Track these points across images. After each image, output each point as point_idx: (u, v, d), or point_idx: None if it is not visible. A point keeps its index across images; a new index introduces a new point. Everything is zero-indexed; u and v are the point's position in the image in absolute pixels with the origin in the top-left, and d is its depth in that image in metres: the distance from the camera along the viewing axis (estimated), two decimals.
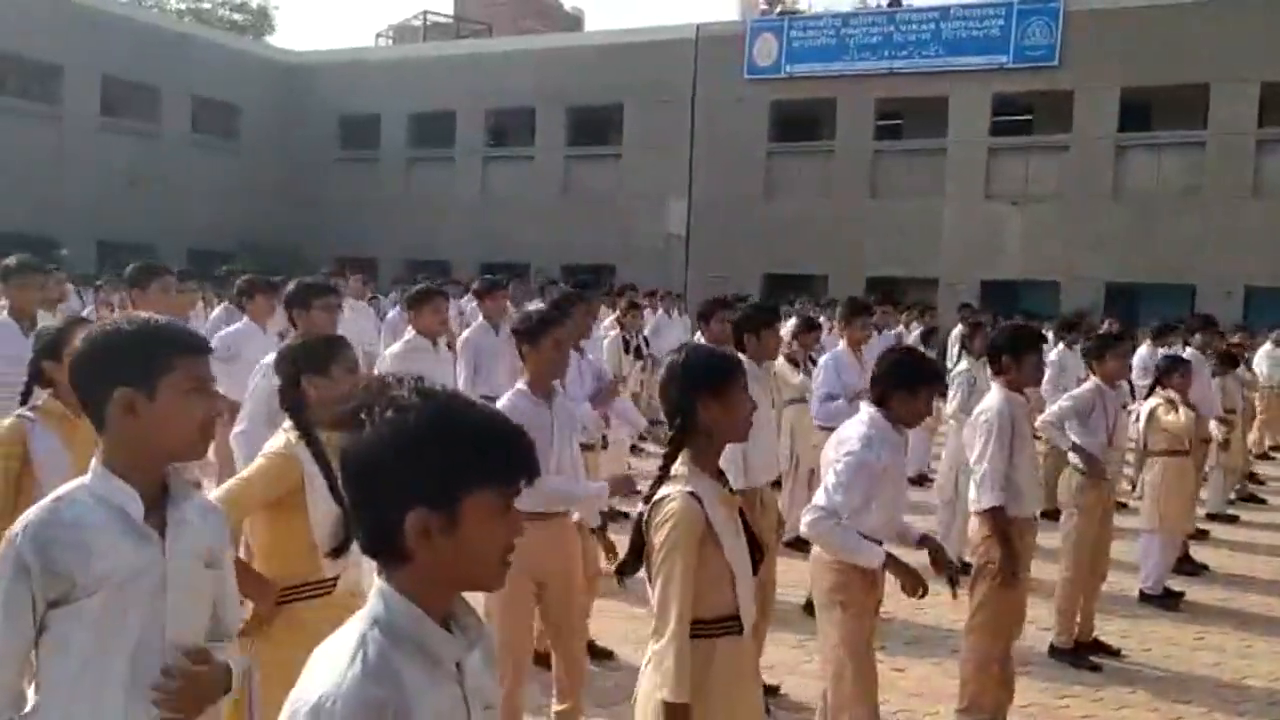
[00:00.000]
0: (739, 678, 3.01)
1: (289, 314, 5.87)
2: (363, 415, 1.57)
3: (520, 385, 4.61)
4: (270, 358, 5.38)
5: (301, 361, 3.41)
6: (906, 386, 4.22)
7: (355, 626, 1.58)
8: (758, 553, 3.16)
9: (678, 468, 3.04)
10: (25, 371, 3.75)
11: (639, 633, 3.94)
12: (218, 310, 9.48)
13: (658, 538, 2.94)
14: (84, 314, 9.60)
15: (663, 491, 3.00)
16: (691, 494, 2.94)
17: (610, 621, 6.08)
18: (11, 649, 2.07)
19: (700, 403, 3.02)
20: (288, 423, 3.32)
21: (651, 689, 2.95)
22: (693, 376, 3.05)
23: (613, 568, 3.41)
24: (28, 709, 2.13)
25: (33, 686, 2.15)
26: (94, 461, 2.16)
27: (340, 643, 1.57)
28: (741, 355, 5.93)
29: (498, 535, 1.60)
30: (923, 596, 4.16)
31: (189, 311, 8.83)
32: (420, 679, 1.54)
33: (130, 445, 2.14)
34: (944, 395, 8.48)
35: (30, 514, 2.10)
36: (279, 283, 7.97)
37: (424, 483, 1.54)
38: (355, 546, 3.13)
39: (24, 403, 3.69)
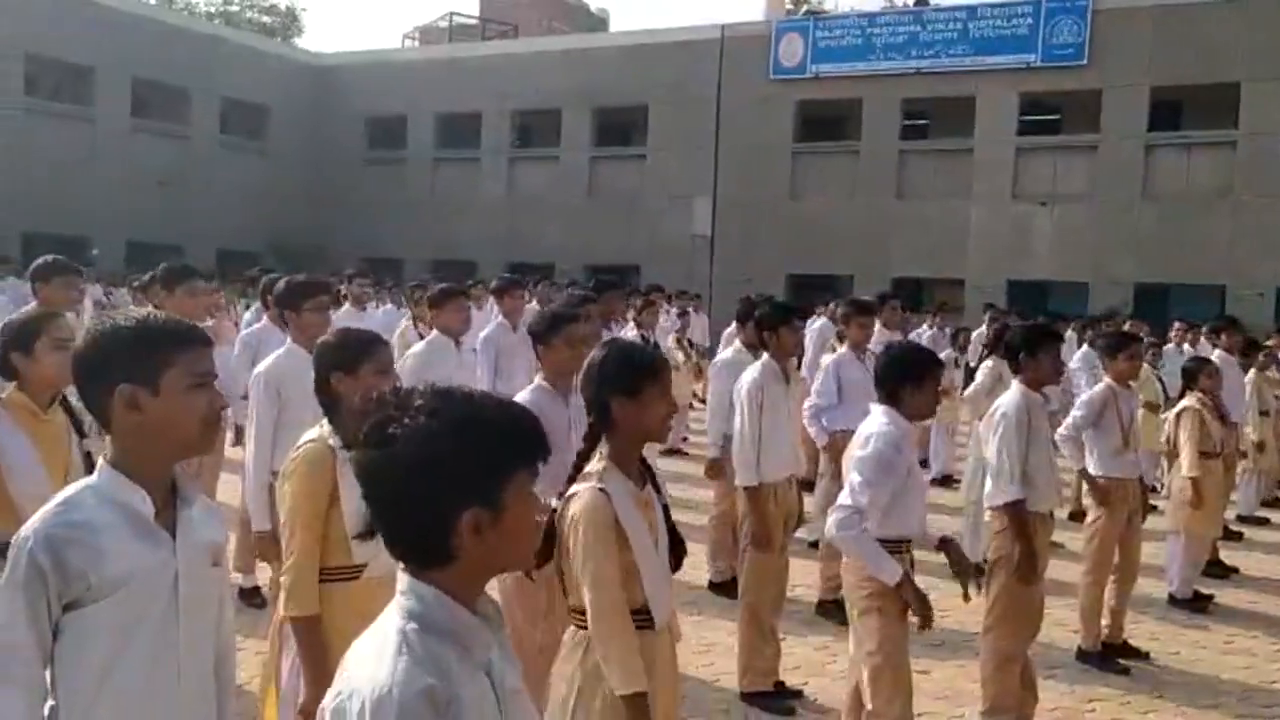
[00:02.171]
0: (652, 671, 2.95)
1: (280, 315, 5.64)
2: (392, 428, 1.57)
3: (539, 381, 4.65)
4: (263, 365, 5.22)
5: (331, 358, 3.35)
6: (912, 379, 4.21)
7: (390, 623, 1.59)
8: (677, 550, 3.13)
9: (593, 464, 3.02)
10: None
11: None
12: (249, 312, 9.53)
13: (572, 538, 2.91)
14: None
15: (574, 488, 2.98)
16: (600, 490, 2.92)
17: None
18: (38, 646, 2.04)
19: (614, 401, 2.99)
20: (325, 420, 3.31)
21: (569, 690, 2.93)
22: (606, 375, 3.02)
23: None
24: (45, 714, 2.11)
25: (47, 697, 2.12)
26: (101, 461, 2.15)
27: (378, 640, 1.58)
28: (764, 353, 5.97)
29: (531, 515, 1.66)
30: (927, 629, 4.13)
31: (212, 311, 8.81)
32: (460, 670, 1.56)
33: (136, 443, 2.12)
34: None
35: (39, 518, 2.07)
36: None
37: (472, 481, 1.57)
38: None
39: None
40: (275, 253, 29.08)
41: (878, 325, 8.91)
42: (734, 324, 9.26)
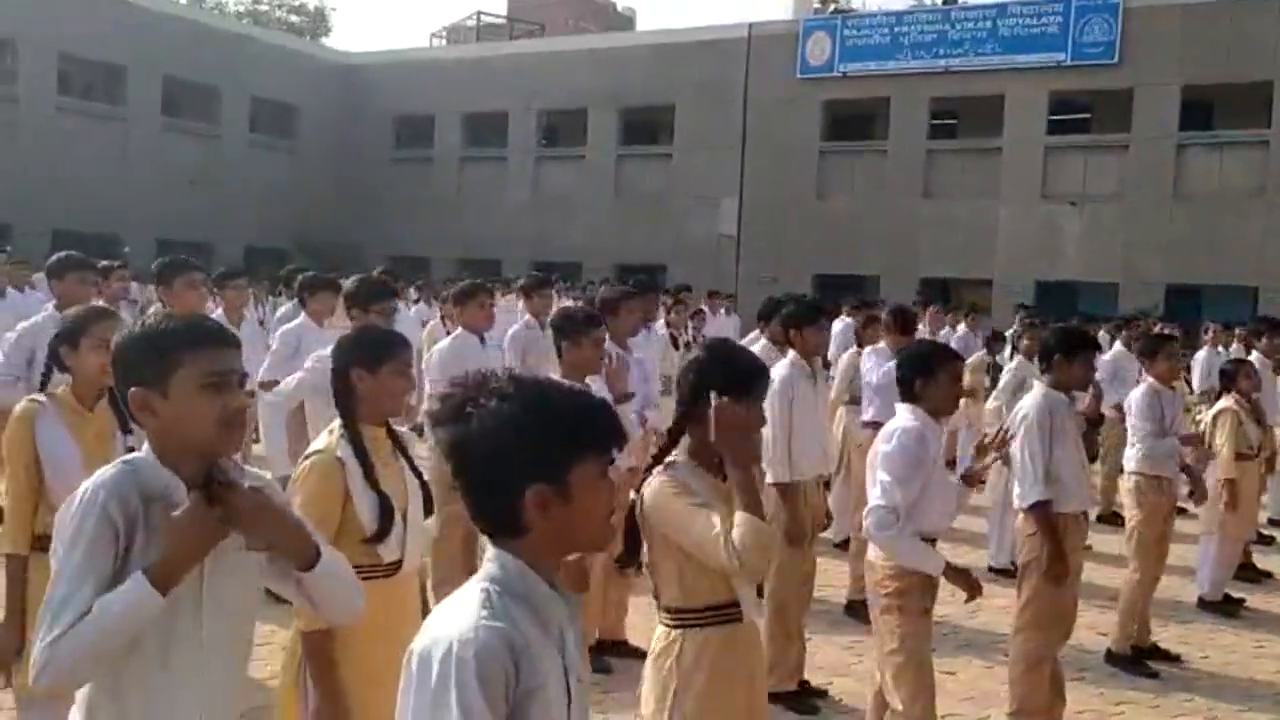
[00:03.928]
0: (742, 663, 3.00)
1: (348, 312, 5.86)
2: (468, 408, 1.71)
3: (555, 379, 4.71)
4: (326, 351, 5.36)
5: (353, 353, 3.33)
6: (927, 373, 4.24)
7: (475, 585, 1.72)
8: None
9: (672, 457, 3.05)
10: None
11: None
12: (285, 308, 9.64)
13: (659, 511, 2.94)
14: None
15: (648, 480, 3.02)
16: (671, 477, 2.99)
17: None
18: (90, 582, 2.02)
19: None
20: (337, 421, 3.29)
21: (663, 690, 2.96)
22: (708, 374, 3.04)
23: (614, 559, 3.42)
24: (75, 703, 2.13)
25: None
26: (145, 446, 2.19)
27: (463, 597, 1.71)
28: (790, 351, 5.95)
29: (602, 499, 1.76)
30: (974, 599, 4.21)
31: (244, 308, 8.85)
32: (535, 636, 1.68)
33: (158, 442, 2.16)
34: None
35: (104, 473, 2.13)
36: (339, 281, 8.05)
37: (539, 460, 1.70)
38: (409, 530, 3.16)
39: (43, 388, 3.65)
40: (302, 251, 29.22)
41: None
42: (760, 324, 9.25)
